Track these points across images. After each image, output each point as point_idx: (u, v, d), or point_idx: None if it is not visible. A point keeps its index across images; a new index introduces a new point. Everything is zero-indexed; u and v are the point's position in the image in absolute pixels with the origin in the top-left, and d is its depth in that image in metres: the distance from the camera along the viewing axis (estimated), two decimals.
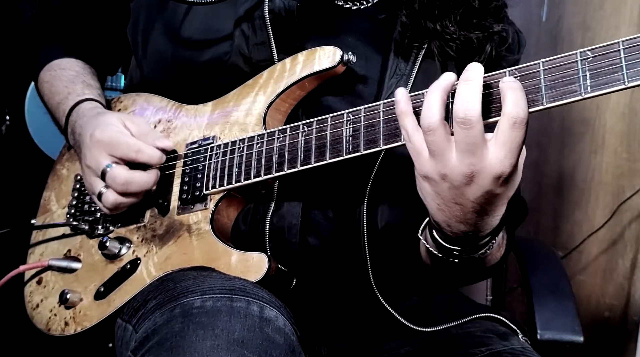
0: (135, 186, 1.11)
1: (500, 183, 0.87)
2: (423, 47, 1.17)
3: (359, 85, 1.17)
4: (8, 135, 2.21)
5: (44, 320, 1.26)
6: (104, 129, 1.13)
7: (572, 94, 0.83)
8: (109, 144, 1.11)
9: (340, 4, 1.22)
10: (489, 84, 0.88)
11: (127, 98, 1.35)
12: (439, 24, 1.15)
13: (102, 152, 1.12)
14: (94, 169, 1.13)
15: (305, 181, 1.12)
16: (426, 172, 0.90)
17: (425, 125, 0.87)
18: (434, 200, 0.93)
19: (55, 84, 1.33)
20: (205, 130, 1.20)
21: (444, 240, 1.00)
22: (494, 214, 0.93)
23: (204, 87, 1.22)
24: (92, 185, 1.15)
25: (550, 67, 0.86)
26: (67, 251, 1.30)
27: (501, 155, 0.85)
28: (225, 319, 0.89)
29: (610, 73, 0.81)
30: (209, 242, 1.11)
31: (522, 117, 0.84)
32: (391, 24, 1.20)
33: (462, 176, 0.87)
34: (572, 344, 1.31)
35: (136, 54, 1.33)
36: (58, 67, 1.36)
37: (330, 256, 1.15)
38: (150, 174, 1.12)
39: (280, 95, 1.15)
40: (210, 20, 1.20)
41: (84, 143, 1.16)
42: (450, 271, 1.10)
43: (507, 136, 0.85)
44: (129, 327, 1.04)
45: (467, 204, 0.90)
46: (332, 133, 1.03)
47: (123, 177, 1.10)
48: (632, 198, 2.19)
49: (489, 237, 0.99)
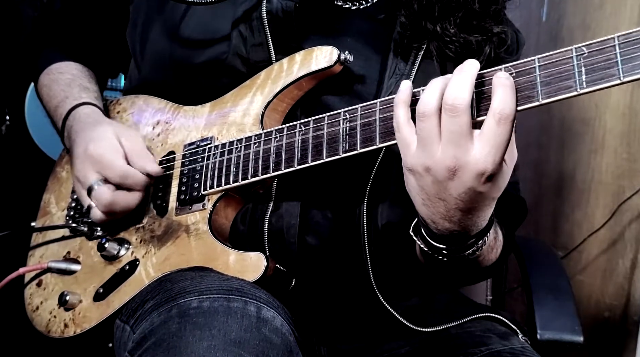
0: (119, 207, 1.15)
1: (483, 181, 0.87)
2: (422, 47, 1.17)
3: (358, 85, 1.17)
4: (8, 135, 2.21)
5: (44, 322, 1.26)
6: (97, 144, 1.15)
7: (567, 89, 0.83)
8: (98, 162, 1.14)
9: (340, 4, 1.22)
10: (483, 81, 0.88)
11: (126, 100, 1.35)
12: (438, 26, 1.15)
13: (91, 168, 1.15)
14: (82, 183, 1.16)
15: (304, 181, 1.12)
16: (412, 164, 0.90)
17: (420, 110, 0.87)
18: (418, 194, 0.93)
19: (53, 87, 1.34)
20: (203, 131, 1.21)
21: (430, 237, 0.99)
22: (478, 214, 0.93)
23: (202, 88, 1.22)
24: (81, 196, 1.18)
25: (545, 63, 0.85)
26: (66, 252, 1.30)
27: (485, 151, 0.85)
28: (222, 319, 0.89)
29: (606, 68, 0.80)
30: (207, 242, 1.11)
31: (508, 114, 0.84)
32: (390, 24, 1.20)
33: (446, 170, 0.87)
34: (572, 344, 1.31)
35: (135, 55, 1.34)
36: (57, 70, 1.37)
37: (329, 256, 1.15)
38: (134, 195, 1.16)
39: (278, 95, 1.15)
40: (208, 21, 1.20)
41: (77, 154, 1.18)
42: (442, 269, 1.09)
43: (492, 132, 0.84)
44: (127, 328, 1.04)
45: (450, 200, 0.90)
46: (329, 132, 1.03)
47: (106, 198, 1.14)
48: (632, 198, 2.18)
49: (474, 238, 0.98)
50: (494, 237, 1.08)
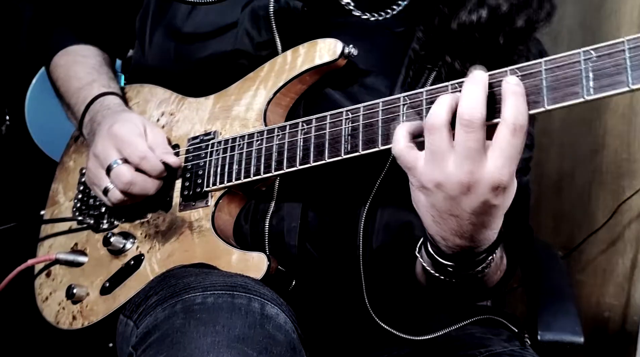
0: (136, 189, 1.12)
1: (497, 193, 0.83)
2: (435, 70, 1.14)
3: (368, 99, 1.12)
4: (8, 135, 2.20)
5: (53, 313, 1.28)
6: (123, 125, 1.14)
7: (573, 96, 0.79)
8: (120, 140, 1.12)
9: (358, 14, 1.19)
10: (491, 83, 0.85)
11: (131, 89, 1.35)
12: (457, 62, 1.12)
13: (112, 146, 1.13)
14: (101, 160, 1.14)
15: (307, 182, 1.11)
16: (422, 181, 0.86)
17: (430, 122, 0.84)
18: (428, 212, 0.88)
19: (76, 68, 1.34)
20: (206, 125, 1.21)
21: (438, 255, 0.95)
22: (491, 227, 0.89)
23: (206, 80, 1.22)
24: (96, 176, 1.16)
25: (552, 66, 0.81)
26: (74, 244, 1.31)
27: (499, 163, 0.81)
28: (226, 315, 0.89)
29: (614, 74, 0.76)
30: (210, 240, 1.11)
31: (522, 123, 0.80)
32: (407, 39, 1.16)
33: (459, 185, 0.83)
34: (572, 345, 1.30)
35: (142, 42, 1.33)
36: (78, 53, 1.37)
37: (326, 263, 1.14)
38: (153, 182, 1.13)
39: (281, 89, 1.14)
40: (215, 15, 1.21)
41: (100, 132, 1.17)
42: (445, 290, 1.05)
43: (506, 143, 0.81)
44: (130, 323, 1.04)
45: (463, 215, 0.86)
46: (331, 132, 1.02)
47: (126, 176, 1.11)
48: (632, 198, 2.19)
49: (485, 254, 0.94)
50: (500, 256, 1.05)
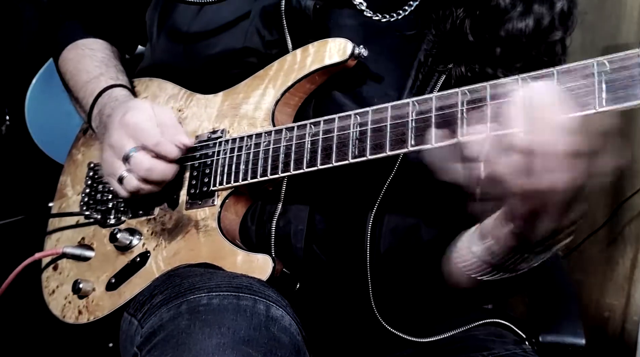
0: (156, 175, 1.13)
1: None
2: (445, 72, 1.13)
3: (377, 101, 1.11)
4: (8, 135, 2.20)
5: (59, 306, 1.28)
6: (134, 113, 1.14)
7: (585, 107, 0.79)
8: (133, 129, 1.13)
9: (369, 15, 1.18)
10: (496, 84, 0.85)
11: (140, 83, 1.35)
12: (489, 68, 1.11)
13: (126, 135, 1.13)
14: (117, 150, 1.14)
15: (314, 184, 1.11)
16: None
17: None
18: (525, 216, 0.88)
19: (84, 62, 1.34)
20: (215, 122, 1.20)
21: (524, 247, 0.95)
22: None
23: (215, 77, 1.22)
24: (112, 166, 1.16)
25: (564, 76, 0.81)
26: (81, 238, 1.32)
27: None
28: (231, 317, 0.89)
29: (627, 86, 0.76)
30: (215, 240, 1.11)
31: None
32: (418, 41, 1.16)
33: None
34: (573, 346, 1.30)
35: (151, 37, 1.34)
36: (86, 47, 1.37)
37: (333, 265, 1.14)
38: (171, 166, 1.14)
39: (290, 89, 1.13)
40: (225, 13, 1.20)
41: (112, 123, 1.17)
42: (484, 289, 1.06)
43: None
44: (134, 322, 1.04)
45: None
46: (339, 135, 1.01)
47: (147, 163, 1.12)
48: (632, 198, 2.18)
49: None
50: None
